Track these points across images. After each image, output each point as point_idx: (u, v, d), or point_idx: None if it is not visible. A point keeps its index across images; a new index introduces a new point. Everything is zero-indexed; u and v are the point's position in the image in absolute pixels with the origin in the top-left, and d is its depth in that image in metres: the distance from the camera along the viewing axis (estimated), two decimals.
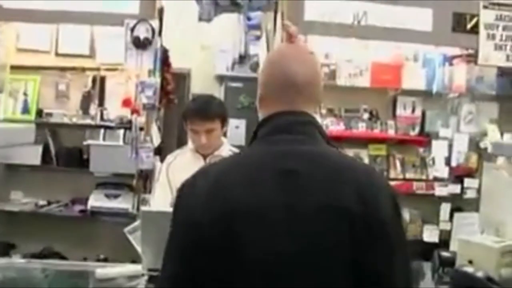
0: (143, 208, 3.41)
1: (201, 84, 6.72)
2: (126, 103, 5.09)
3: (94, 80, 5.53)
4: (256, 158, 1.50)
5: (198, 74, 6.81)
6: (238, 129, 6.31)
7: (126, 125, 5.23)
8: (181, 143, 5.11)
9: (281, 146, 1.49)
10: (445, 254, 3.42)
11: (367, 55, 5.16)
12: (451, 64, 5.17)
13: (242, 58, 5.72)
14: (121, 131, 5.37)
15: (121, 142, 5.32)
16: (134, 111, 4.96)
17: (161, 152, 4.98)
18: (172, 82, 5.24)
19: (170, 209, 1.53)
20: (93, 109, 5.49)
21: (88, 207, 5.25)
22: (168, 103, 5.25)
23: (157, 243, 1.61)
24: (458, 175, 5.11)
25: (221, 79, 6.71)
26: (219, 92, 6.58)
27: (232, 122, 6.17)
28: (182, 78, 6.50)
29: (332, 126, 5.14)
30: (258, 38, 5.22)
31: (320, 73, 1.66)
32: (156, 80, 4.87)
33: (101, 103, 5.52)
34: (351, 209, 1.38)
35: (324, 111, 5.11)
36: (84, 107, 5.52)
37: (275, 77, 1.58)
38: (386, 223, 1.41)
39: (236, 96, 6.48)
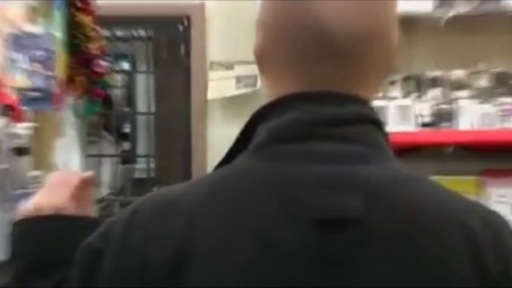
0: None
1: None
2: None
3: None
4: (261, 193, 0.78)
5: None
6: None
7: None
8: None
9: (316, 166, 0.78)
10: None
11: None
12: None
13: None
14: None
15: None
16: (11, 110, 2.05)
17: None
18: (97, 38, 2.35)
19: None
20: None
21: None
22: (93, 94, 2.40)
23: None
24: None
25: None
26: None
27: None
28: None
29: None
30: None
31: (393, 11, 0.86)
32: (52, 32, 2.07)
33: None
34: None
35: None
36: None
37: (293, 20, 0.82)
38: None
39: None
